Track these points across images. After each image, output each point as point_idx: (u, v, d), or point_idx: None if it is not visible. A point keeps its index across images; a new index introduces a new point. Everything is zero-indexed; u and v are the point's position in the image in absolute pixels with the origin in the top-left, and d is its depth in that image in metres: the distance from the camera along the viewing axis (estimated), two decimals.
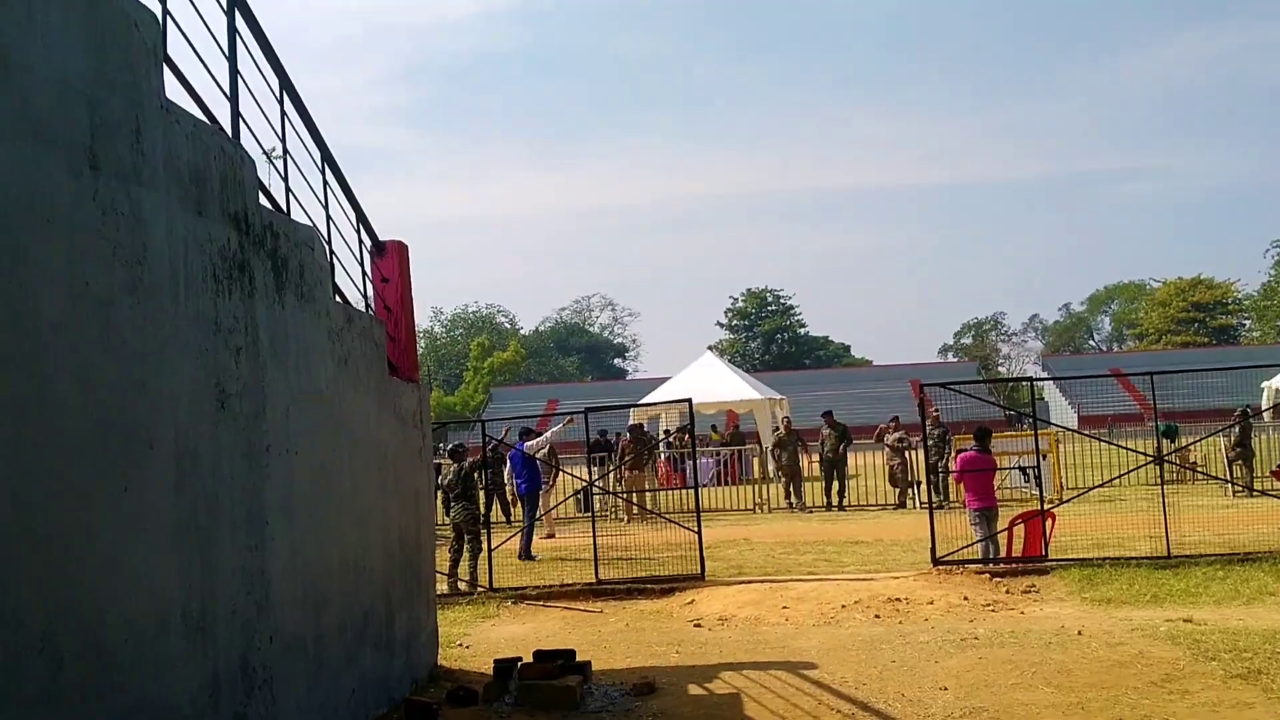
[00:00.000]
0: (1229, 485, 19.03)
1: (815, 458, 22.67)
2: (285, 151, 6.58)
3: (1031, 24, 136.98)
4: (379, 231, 8.68)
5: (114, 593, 4.10)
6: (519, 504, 17.85)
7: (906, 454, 20.68)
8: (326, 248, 7.01)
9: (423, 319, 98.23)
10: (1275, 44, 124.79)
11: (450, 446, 14.54)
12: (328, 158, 7.31)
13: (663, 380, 38.07)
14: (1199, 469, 20.83)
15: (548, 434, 18.54)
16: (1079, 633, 8.70)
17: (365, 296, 8.28)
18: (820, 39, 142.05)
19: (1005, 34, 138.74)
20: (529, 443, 17.32)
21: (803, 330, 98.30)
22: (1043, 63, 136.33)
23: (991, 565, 12.02)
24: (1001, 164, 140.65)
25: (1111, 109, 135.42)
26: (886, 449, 21.27)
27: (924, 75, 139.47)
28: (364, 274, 8.32)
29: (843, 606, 10.47)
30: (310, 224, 6.66)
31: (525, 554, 15.55)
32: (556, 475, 18.85)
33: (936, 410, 19.95)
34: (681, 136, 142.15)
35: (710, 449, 27.14)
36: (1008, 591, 11.03)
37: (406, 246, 9.06)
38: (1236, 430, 19.53)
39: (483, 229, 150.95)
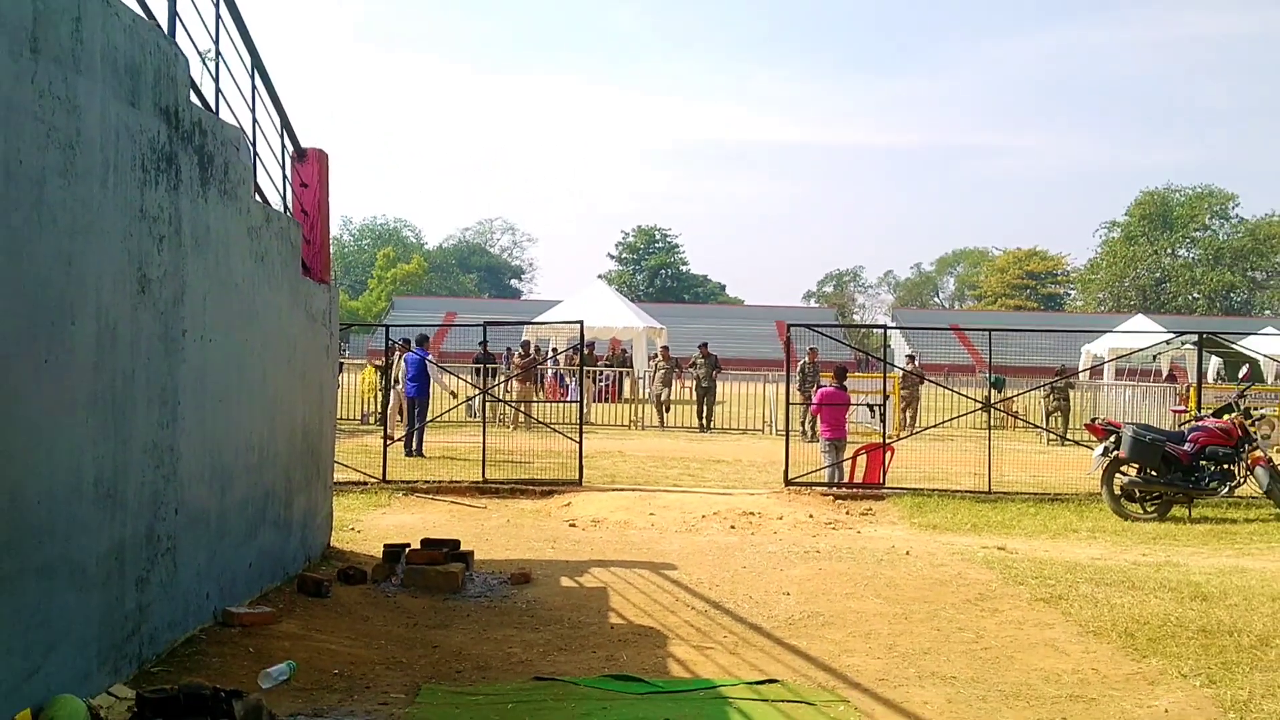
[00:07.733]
0: (1045, 434, 19.98)
1: (689, 383, 23.02)
2: (218, 54, 6.33)
3: (931, 4, 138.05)
4: (301, 137, 8.42)
5: (31, 456, 3.99)
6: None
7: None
8: (251, 149, 6.78)
9: (334, 227, 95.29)
10: (1136, 43, 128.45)
11: None
12: (258, 64, 7.05)
13: (555, 303, 37.78)
14: (1021, 418, 21.70)
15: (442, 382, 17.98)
16: (907, 552, 9.04)
17: (285, 199, 8.03)
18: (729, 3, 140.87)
19: (906, 13, 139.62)
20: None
21: (684, 268, 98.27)
22: (936, 40, 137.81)
23: (836, 489, 12.46)
24: (885, 130, 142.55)
25: (993, 90, 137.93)
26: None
27: (824, 44, 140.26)
28: (285, 177, 8.05)
29: (702, 516, 10.75)
30: (237, 125, 6.43)
31: (417, 450, 15.51)
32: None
33: (814, 348, 20.84)
34: (605, 82, 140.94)
35: (595, 369, 27.23)
36: (848, 513, 11.44)
37: (327, 155, 8.78)
38: (1058, 386, 20.45)
39: (400, 141, 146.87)
